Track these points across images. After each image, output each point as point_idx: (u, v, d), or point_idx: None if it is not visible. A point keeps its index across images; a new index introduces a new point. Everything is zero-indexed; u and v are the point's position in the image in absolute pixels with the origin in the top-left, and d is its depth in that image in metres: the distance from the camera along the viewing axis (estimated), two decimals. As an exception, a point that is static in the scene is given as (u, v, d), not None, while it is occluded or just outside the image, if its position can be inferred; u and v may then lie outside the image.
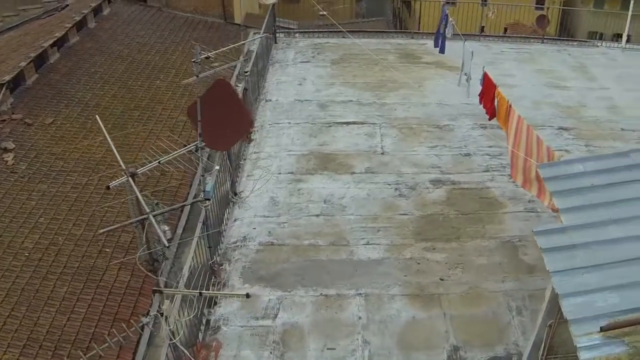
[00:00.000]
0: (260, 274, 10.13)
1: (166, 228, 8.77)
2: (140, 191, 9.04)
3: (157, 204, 8.66)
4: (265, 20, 18.36)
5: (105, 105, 16.08)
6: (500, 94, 11.68)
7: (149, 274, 9.08)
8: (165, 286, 8.33)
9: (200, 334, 9.01)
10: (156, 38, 20.60)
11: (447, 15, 17.68)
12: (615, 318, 6.18)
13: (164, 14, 23.05)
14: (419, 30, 22.90)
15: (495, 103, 11.85)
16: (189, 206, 11.90)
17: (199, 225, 9.40)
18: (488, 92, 12.25)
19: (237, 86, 14.30)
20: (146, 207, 8.50)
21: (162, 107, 16.33)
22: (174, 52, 19.68)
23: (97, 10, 20.79)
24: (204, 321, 9.25)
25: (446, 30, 17.54)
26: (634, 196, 7.92)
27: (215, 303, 9.58)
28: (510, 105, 11.05)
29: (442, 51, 18.14)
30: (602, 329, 6.05)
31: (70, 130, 14.91)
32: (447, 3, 19.46)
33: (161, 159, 9.65)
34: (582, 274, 6.72)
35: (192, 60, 12.93)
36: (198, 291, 7.88)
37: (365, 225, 11.29)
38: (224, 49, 14.01)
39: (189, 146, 9.74)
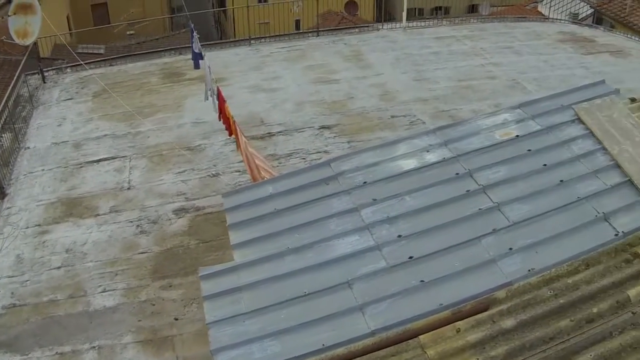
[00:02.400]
0: (1, 340, 9.16)
1: None
2: None
3: None
4: (22, 62, 15.94)
5: None
6: (226, 109, 10.91)
7: None
8: None
9: None
10: None
11: (192, 29, 15.67)
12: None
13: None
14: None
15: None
16: None
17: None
18: (223, 108, 11.31)
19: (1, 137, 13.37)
20: None
21: None
22: None
23: None
24: None
25: (194, 45, 15.48)
26: (320, 216, 6.95)
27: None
28: (234, 122, 10.56)
29: (196, 67, 16.19)
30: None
31: None
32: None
33: None
34: (244, 321, 5.88)
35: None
36: None
37: (104, 270, 10.38)
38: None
39: None
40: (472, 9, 43.33)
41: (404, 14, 18.03)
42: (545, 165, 7.02)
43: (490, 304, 5.57)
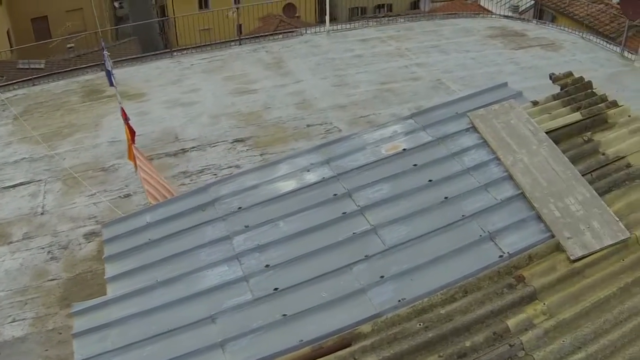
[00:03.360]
0: None
1: None
2: None
3: None
4: None
5: None
6: (126, 129, 10.58)
7: None
8: None
9: None
10: None
11: (104, 47, 15.05)
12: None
13: None
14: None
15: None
16: None
17: None
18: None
19: None
20: None
21: None
22: None
23: None
24: None
25: (106, 63, 14.89)
26: (193, 245, 6.48)
27: None
28: (131, 144, 10.33)
29: (111, 84, 15.63)
30: None
31: None
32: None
33: None
34: (110, 360, 5.42)
35: None
36: None
37: (14, 300, 9.95)
38: None
39: None
40: (415, 6, 43.10)
41: (327, 17, 17.49)
42: (430, 180, 6.52)
43: (353, 339, 5.06)
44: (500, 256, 5.65)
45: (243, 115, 13.65)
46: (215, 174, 11.86)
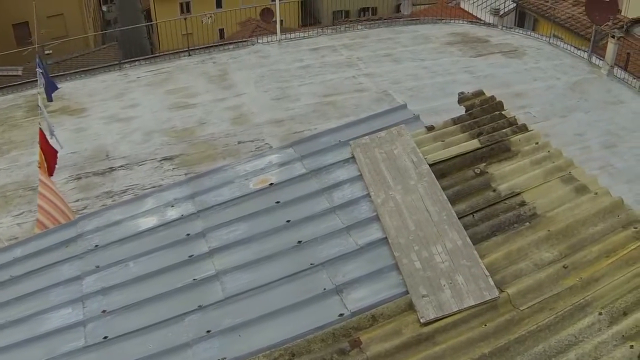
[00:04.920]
0: None
1: None
2: None
3: None
4: None
5: None
6: (39, 151, 10.45)
7: None
8: None
9: None
10: None
11: (40, 62, 14.71)
12: None
13: None
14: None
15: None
16: None
17: None
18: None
19: None
20: None
21: None
22: None
23: None
24: None
25: (43, 78, 14.58)
26: (48, 284, 6.12)
27: None
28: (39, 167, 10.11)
29: (49, 99, 15.33)
30: None
31: None
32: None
33: None
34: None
35: None
36: None
37: None
38: None
39: None
40: (399, 9, 42.61)
41: (278, 26, 17.09)
42: (288, 221, 6.08)
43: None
44: (341, 315, 5.07)
45: (176, 131, 13.30)
46: (136, 195, 11.49)
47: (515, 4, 34.43)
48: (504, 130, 6.93)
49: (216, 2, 39.63)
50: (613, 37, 16.50)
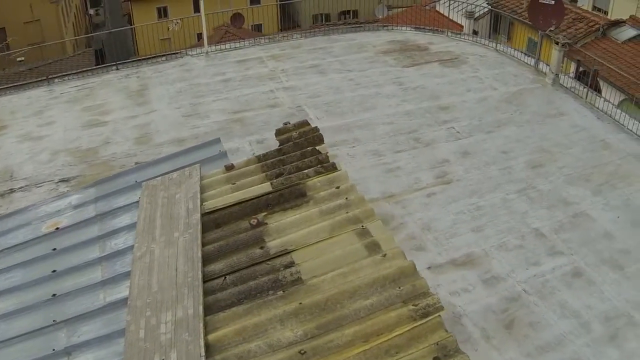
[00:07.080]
0: None
1: None
2: None
3: None
4: None
5: None
6: None
7: None
8: None
9: None
10: None
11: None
12: None
13: None
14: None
15: None
16: None
17: None
18: None
19: None
20: None
21: None
22: None
23: None
24: None
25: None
26: None
27: None
28: None
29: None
30: None
31: None
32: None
33: None
34: None
35: None
36: None
37: None
38: None
39: None
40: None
41: (205, 36, 17.03)
42: (54, 271, 6.06)
43: None
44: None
45: (81, 151, 13.36)
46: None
47: (489, 7, 34.17)
48: (306, 171, 6.68)
49: (193, 7, 39.54)
50: (557, 43, 16.09)
